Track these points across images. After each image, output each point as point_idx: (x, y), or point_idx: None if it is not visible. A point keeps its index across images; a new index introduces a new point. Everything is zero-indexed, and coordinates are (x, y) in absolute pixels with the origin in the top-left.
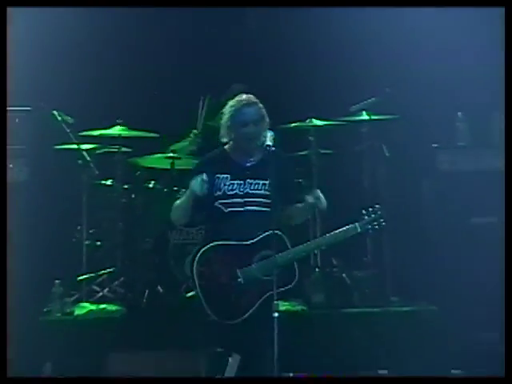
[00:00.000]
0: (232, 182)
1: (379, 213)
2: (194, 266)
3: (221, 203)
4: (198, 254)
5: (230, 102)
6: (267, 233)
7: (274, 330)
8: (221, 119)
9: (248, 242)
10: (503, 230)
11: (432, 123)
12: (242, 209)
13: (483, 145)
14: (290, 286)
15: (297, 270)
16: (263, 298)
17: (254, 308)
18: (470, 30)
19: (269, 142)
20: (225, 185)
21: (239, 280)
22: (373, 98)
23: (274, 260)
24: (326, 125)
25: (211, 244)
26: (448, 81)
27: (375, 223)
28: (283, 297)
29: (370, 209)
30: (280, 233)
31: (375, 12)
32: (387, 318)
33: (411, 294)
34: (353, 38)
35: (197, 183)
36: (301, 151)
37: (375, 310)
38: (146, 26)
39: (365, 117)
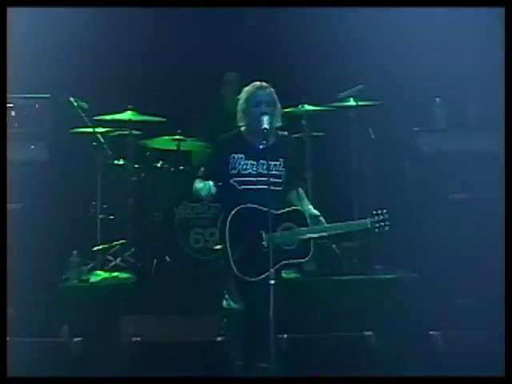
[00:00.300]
0: (246, 161)
1: (386, 216)
2: (227, 225)
3: (235, 181)
4: (232, 212)
5: (245, 88)
6: (292, 207)
7: (278, 293)
8: (236, 105)
9: (278, 212)
10: (478, 204)
11: (413, 109)
12: (254, 187)
13: (459, 128)
14: (304, 260)
15: (312, 246)
16: (280, 264)
17: (269, 271)
18: (451, 22)
19: (280, 127)
20: (239, 164)
21: (263, 243)
22: (359, 86)
23: (295, 232)
24: (317, 110)
25: (241, 207)
26: (429, 70)
27: (382, 223)
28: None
29: (379, 211)
30: (299, 207)
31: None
32: (372, 285)
33: (393, 262)
34: (344, 31)
35: (205, 188)
36: (295, 134)
37: (361, 277)
38: (154, 18)
39: (352, 103)
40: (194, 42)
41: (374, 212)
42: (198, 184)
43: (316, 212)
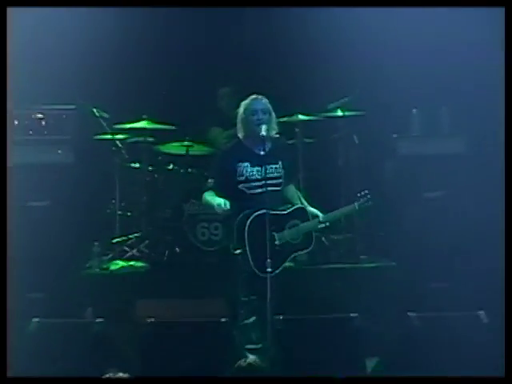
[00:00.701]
0: (252, 168)
1: (368, 195)
2: (246, 230)
3: (244, 187)
4: (248, 221)
5: (243, 101)
6: (296, 206)
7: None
8: (238, 116)
9: (280, 211)
10: (448, 201)
11: (392, 117)
12: (261, 190)
13: (431, 135)
14: (308, 249)
15: (314, 237)
16: (287, 256)
17: (275, 269)
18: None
19: (276, 132)
20: (246, 171)
21: (276, 242)
22: (346, 98)
23: (300, 228)
24: (308, 119)
25: (255, 214)
26: (406, 82)
27: (366, 202)
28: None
29: (362, 192)
30: (302, 206)
31: (358, 14)
32: (357, 272)
33: (376, 251)
34: (330, 47)
35: (221, 205)
36: (289, 140)
37: (347, 265)
38: (162, 35)
39: (339, 113)
40: (198, 59)
41: (358, 195)
42: (212, 198)
43: (311, 208)
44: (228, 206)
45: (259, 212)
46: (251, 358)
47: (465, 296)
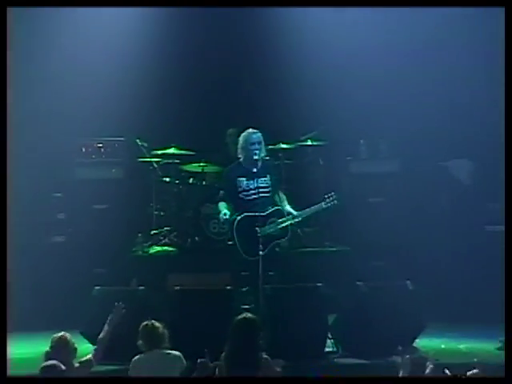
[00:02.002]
0: (247, 182)
1: (334, 196)
2: (234, 226)
3: (243, 194)
4: (237, 220)
5: (242, 134)
6: (274, 208)
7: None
8: (237, 144)
9: (264, 213)
10: (385, 205)
11: (347, 145)
12: (254, 196)
13: (376, 158)
14: (285, 238)
15: (289, 228)
16: (270, 245)
17: (264, 251)
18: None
19: (266, 156)
20: (243, 184)
21: (259, 235)
22: (313, 132)
23: (277, 223)
24: (288, 147)
25: (242, 215)
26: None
27: (332, 201)
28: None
29: (328, 194)
30: (280, 208)
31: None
32: (322, 254)
33: (336, 240)
34: (305, 88)
35: (223, 214)
36: (275, 161)
37: (315, 249)
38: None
39: (309, 142)
40: (210, 105)
41: (325, 196)
42: (221, 207)
43: (290, 209)
44: (228, 216)
45: (246, 214)
46: (245, 313)
47: (396, 270)
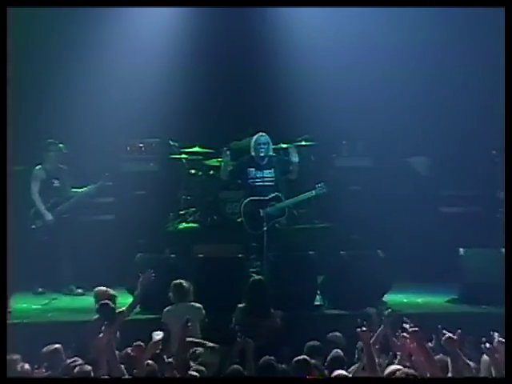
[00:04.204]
0: (256, 171)
1: (322, 184)
2: (243, 208)
3: (251, 181)
4: (244, 202)
5: (254, 137)
6: (275, 193)
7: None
8: (249, 144)
9: (267, 198)
10: (363, 193)
11: (332, 145)
12: (261, 183)
13: (354, 155)
14: (282, 218)
15: (286, 210)
16: (271, 222)
17: (266, 227)
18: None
19: (272, 153)
20: (252, 173)
21: (262, 215)
22: (306, 135)
23: (277, 206)
24: (286, 146)
25: (249, 198)
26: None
27: (321, 190)
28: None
29: (318, 184)
30: (280, 194)
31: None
32: (312, 229)
33: (323, 218)
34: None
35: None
36: (276, 157)
37: (307, 226)
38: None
39: (303, 143)
40: (223, 105)
41: (316, 185)
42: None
43: (285, 201)
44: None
45: (253, 198)
46: (257, 276)
47: (370, 242)
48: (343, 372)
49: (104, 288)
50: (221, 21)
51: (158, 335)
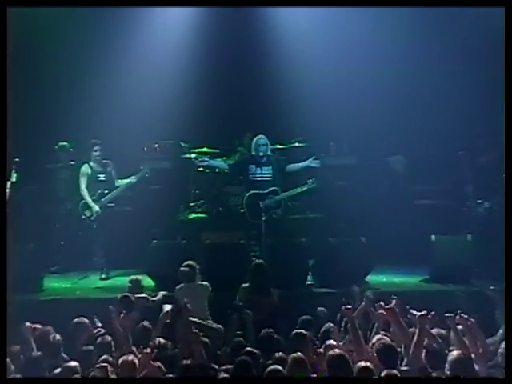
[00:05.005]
0: (256, 168)
1: (313, 179)
2: (244, 200)
3: (252, 177)
4: (246, 195)
5: (255, 137)
6: (272, 188)
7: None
8: (250, 144)
9: (265, 191)
10: (346, 188)
11: (321, 145)
12: (261, 179)
13: (340, 154)
14: (279, 209)
15: (282, 202)
16: (269, 213)
17: (265, 217)
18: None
19: (270, 153)
20: (253, 169)
21: (261, 206)
22: (299, 137)
23: (274, 198)
24: (282, 147)
25: (250, 192)
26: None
27: (311, 185)
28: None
29: (309, 179)
30: (277, 188)
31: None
32: (305, 219)
33: (314, 209)
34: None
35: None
36: (273, 157)
37: (299, 216)
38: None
39: (296, 144)
40: (228, 110)
41: (308, 181)
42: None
43: (281, 194)
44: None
45: (253, 191)
46: (256, 260)
47: (354, 230)
48: (333, 342)
49: (136, 277)
50: (220, 23)
51: (167, 308)
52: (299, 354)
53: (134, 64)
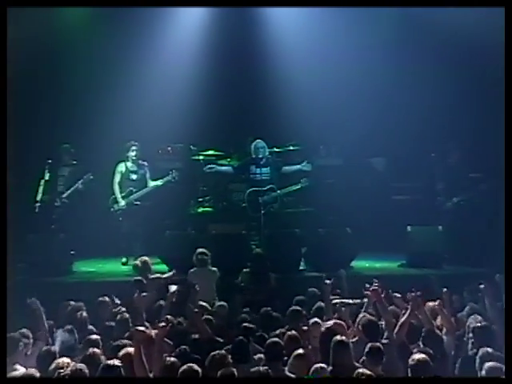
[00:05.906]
0: (256, 168)
1: (306, 179)
2: (246, 196)
3: (252, 176)
4: (247, 191)
5: (254, 141)
6: (270, 185)
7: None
8: (251, 148)
9: (264, 189)
10: (334, 186)
11: (313, 148)
12: (260, 178)
13: (329, 156)
14: (275, 204)
15: (278, 198)
16: (267, 207)
17: (263, 211)
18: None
19: (268, 155)
20: (253, 169)
21: (260, 201)
22: (293, 141)
23: (271, 195)
24: (278, 150)
25: (251, 189)
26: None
27: (305, 183)
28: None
29: (303, 179)
30: (274, 186)
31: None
32: (298, 213)
33: (306, 204)
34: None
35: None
36: (270, 158)
37: (293, 210)
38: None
39: (291, 148)
40: (233, 116)
41: (301, 180)
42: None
43: (277, 191)
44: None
45: (253, 189)
46: (256, 249)
47: (341, 221)
48: (319, 320)
49: (144, 258)
50: (220, 25)
51: (173, 288)
52: (293, 332)
53: (146, 75)
